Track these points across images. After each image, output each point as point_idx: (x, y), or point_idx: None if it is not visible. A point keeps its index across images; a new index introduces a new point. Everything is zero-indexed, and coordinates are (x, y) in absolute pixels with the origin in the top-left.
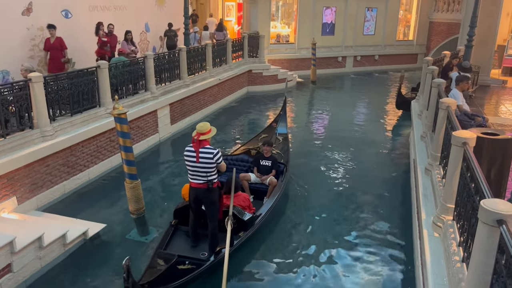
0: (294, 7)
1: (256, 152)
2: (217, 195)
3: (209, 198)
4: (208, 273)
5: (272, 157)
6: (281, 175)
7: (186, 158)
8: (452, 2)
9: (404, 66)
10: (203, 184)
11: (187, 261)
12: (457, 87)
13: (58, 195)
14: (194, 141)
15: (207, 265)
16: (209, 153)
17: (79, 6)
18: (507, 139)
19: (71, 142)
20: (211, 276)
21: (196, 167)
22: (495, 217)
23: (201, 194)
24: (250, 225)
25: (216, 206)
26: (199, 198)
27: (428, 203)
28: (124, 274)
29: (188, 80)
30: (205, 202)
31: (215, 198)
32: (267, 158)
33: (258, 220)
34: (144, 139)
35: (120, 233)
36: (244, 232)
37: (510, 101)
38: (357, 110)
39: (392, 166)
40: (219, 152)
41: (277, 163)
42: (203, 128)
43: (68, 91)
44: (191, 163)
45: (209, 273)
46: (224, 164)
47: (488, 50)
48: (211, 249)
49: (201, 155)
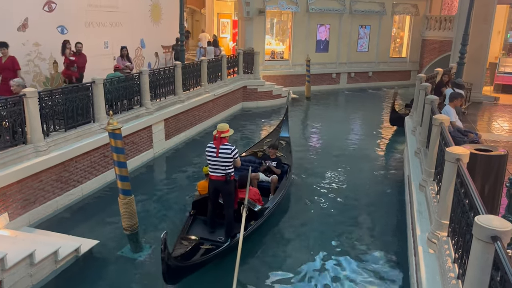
0: (289, 24)
1: (262, 154)
2: (233, 187)
3: (226, 189)
4: (225, 254)
5: (277, 158)
6: (286, 174)
7: (207, 154)
8: (444, 21)
9: (398, 82)
10: (222, 177)
11: (207, 243)
12: (451, 104)
13: (50, 211)
14: (215, 139)
15: (225, 246)
16: (227, 149)
17: (75, 22)
18: (500, 155)
19: (64, 158)
20: (227, 258)
21: (216, 161)
22: (490, 233)
23: (220, 186)
24: (260, 215)
25: (232, 196)
26: (218, 190)
27: (422, 219)
28: (161, 245)
29: (183, 95)
30: (223, 193)
31: (231, 190)
32: (272, 159)
33: (267, 211)
34: (138, 154)
35: (113, 249)
36: (255, 221)
37: (502, 118)
38: (351, 126)
39: (387, 182)
40: (236, 149)
41: (281, 164)
42: (223, 127)
43: (63, 106)
44: (212, 158)
45: (226, 254)
46: (239, 160)
47: (480, 67)
48: (228, 233)
49: (220, 151)
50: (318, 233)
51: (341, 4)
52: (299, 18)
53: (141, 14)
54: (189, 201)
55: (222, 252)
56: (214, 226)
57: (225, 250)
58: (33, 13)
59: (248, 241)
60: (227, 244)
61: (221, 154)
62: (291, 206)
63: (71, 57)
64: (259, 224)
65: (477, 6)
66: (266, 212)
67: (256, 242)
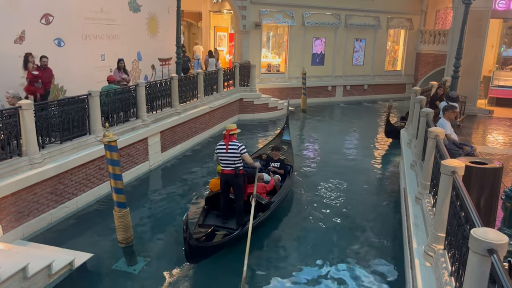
0: (285, 38)
1: (267, 156)
2: (242, 180)
3: (236, 182)
4: (237, 240)
5: (280, 159)
6: (288, 174)
7: (218, 151)
8: (438, 35)
9: (393, 95)
10: (232, 171)
11: (222, 230)
12: (444, 116)
13: (44, 223)
14: (225, 137)
15: (237, 233)
16: (235, 145)
17: (72, 34)
18: (496, 168)
19: (59, 170)
20: (237, 247)
21: (226, 156)
22: (486, 246)
23: (230, 179)
24: (267, 207)
25: (242, 189)
26: (229, 183)
27: (419, 232)
28: (184, 226)
29: (179, 108)
30: (233, 186)
31: (241, 182)
32: (276, 161)
33: (273, 205)
34: (134, 166)
35: (107, 263)
36: (263, 212)
37: (497, 131)
38: (347, 138)
39: (383, 195)
40: (243, 145)
41: (284, 165)
42: (232, 126)
43: (58, 118)
44: (222, 154)
45: (238, 241)
46: (248, 155)
47: (474, 80)
48: (239, 222)
49: (229, 147)
50: (314, 245)
51: (336, 18)
52: (295, 31)
53: (138, 27)
54: (183, 212)
55: (235, 238)
56: (227, 217)
57: (237, 236)
58: (30, 26)
59: (256, 232)
60: (238, 231)
61: (230, 150)
62: (288, 217)
63: (35, 71)
64: (266, 215)
65: (471, 20)
66: (272, 205)
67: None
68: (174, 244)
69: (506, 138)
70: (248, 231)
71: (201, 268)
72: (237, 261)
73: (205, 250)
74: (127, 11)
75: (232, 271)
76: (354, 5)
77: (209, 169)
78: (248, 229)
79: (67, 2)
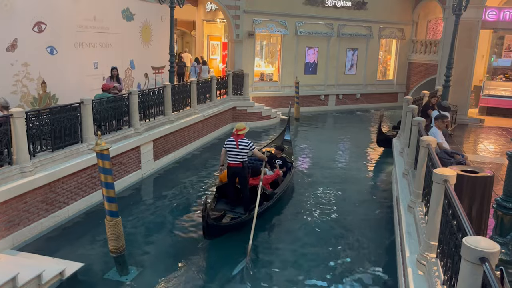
0: (278, 47)
1: (270, 154)
2: (247, 172)
3: (242, 173)
4: (245, 224)
5: (282, 157)
6: (289, 170)
7: (227, 146)
8: (429, 45)
9: (385, 104)
10: (240, 164)
11: (231, 214)
12: (435, 125)
13: (35, 233)
14: (233, 135)
15: (244, 217)
16: (245, 143)
17: (65, 42)
18: (487, 177)
19: (51, 179)
20: (243, 230)
21: (236, 151)
22: (478, 254)
23: (237, 171)
24: (270, 197)
25: (247, 179)
26: (235, 174)
27: (411, 241)
28: (203, 206)
29: (172, 116)
30: (240, 177)
31: (245, 174)
32: (278, 159)
33: (275, 196)
34: (126, 175)
35: (99, 272)
36: (267, 202)
37: (487, 140)
38: (339, 147)
39: (375, 203)
40: (252, 142)
41: (286, 162)
42: (241, 126)
43: (50, 126)
44: (232, 149)
45: (245, 224)
46: (257, 150)
47: (465, 90)
48: (245, 208)
49: (240, 144)
50: (306, 254)
51: (329, 27)
52: (288, 40)
53: (131, 35)
54: (175, 221)
55: (243, 221)
56: (234, 204)
57: (245, 220)
58: (23, 34)
59: (260, 219)
60: (245, 215)
61: (240, 146)
62: (279, 222)
63: None
64: (269, 204)
65: (461, 30)
66: (275, 196)
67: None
68: (167, 253)
69: (497, 147)
70: (254, 214)
71: (213, 245)
72: (244, 241)
73: (219, 228)
74: (120, 19)
75: (239, 247)
76: (346, 15)
77: (201, 178)
78: (254, 214)
79: (60, 10)
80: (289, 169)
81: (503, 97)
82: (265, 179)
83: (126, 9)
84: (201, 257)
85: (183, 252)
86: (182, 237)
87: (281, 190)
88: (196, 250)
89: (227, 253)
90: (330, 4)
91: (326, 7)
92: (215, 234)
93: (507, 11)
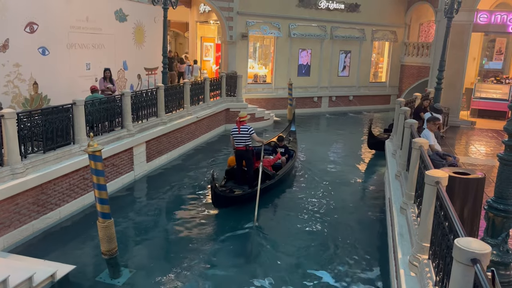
0: (271, 49)
1: (274, 143)
2: (251, 154)
3: (247, 155)
4: (249, 198)
5: (284, 146)
6: (291, 157)
7: (232, 133)
8: (422, 47)
9: (378, 106)
10: (243, 147)
11: (238, 189)
12: (427, 127)
13: (26, 234)
14: (236, 122)
15: (249, 191)
16: (246, 128)
17: (57, 43)
18: (478, 179)
19: (42, 180)
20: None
21: (239, 136)
22: (469, 256)
23: (242, 154)
24: (272, 177)
25: (251, 161)
26: (241, 156)
27: (404, 242)
28: (211, 178)
29: (165, 117)
30: (245, 158)
31: (250, 156)
32: (281, 147)
33: (277, 176)
34: (118, 177)
35: (91, 275)
36: (269, 181)
37: (479, 142)
38: (332, 149)
39: (368, 205)
40: (252, 128)
41: (288, 149)
42: (243, 114)
43: (42, 127)
44: (236, 135)
45: (250, 199)
46: (256, 135)
47: (457, 92)
48: (250, 185)
49: (241, 129)
50: (298, 256)
51: (322, 30)
52: (281, 42)
53: (124, 36)
54: (168, 222)
55: (248, 195)
56: (241, 183)
57: (250, 194)
58: (14, 34)
59: (264, 196)
60: (250, 191)
61: (241, 132)
62: (269, 225)
63: None
64: (271, 183)
65: (453, 33)
66: (276, 176)
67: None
68: (159, 254)
69: (488, 149)
70: (258, 187)
71: (224, 214)
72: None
73: (226, 199)
74: (113, 20)
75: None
76: (339, 18)
77: (194, 180)
78: (257, 188)
79: (52, 11)
80: (291, 156)
81: (494, 99)
82: (268, 162)
83: (119, 10)
84: (195, 258)
85: (176, 253)
86: (175, 238)
87: (283, 172)
88: (189, 250)
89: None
90: (323, 6)
91: (319, 10)
92: (222, 204)
93: (498, 14)
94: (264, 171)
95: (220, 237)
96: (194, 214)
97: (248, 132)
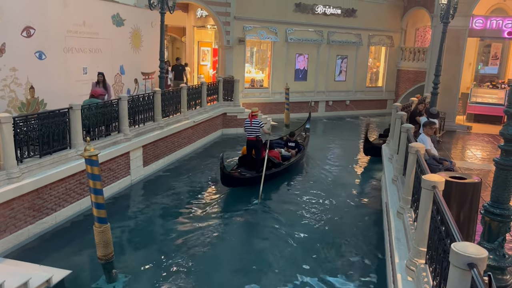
0: (268, 53)
1: (286, 138)
2: (260, 144)
3: (257, 145)
4: (256, 181)
5: (295, 141)
6: (300, 151)
7: (245, 125)
8: (418, 52)
9: (374, 111)
10: (254, 138)
11: (247, 174)
12: (423, 132)
13: (21, 239)
14: (249, 116)
15: (255, 175)
16: (257, 121)
17: (54, 47)
18: (474, 183)
19: (38, 185)
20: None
21: (250, 128)
22: (466, 260)
23: (253, 144)
24: (278, 166)
25: (260, 150)
26: (252, 146)
27: (401, 247)
28: (220, 160)
29: (162, 122)
30: (255, 148)
31: (259, 146)
32: (292, 141)
33: (282, 166)
34: (115, 181)
35: (86, 280)
36: (275, 168)
37: (475, 146)
38: (329, 153)
39: (365, 210)
40: (262, 121)
41: (298, 144)
42: (255, 109)
43: (38, 132)
44: (248, 127)
45: (256, 182)
46: (265, 128)
47: (453, 97)
48: (257, 170)
49: (253, 123)
50: (294, 259)
51: (319, 34)
52: (278, 47)
53: (121, 41)
54: (164, 227)
55: (255, 177)
56: (250, 169)
57: (256, 177)
58: (11, 38)
59: (269, 182)
60: (257, 174)
61: (253, 124)
62: (264, 228)
63: None
64: (276, 171)
65: (449, 38)
66: (282, 166)
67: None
68: (156, 259)
69: (484, 154)
70: (263, 171)
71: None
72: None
73: (233, 179)
74: (111, 25)
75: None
76: (336, 23)
77: (191, 184)
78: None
79: (49, 15)
80: (300, 150)
81: (490, 104)
82: (276, 153)
83: (116, 14)
84: (192, 263)
85: (173, 258)
86: (172, 243)
87: (289, 163)
88: (186, 256)
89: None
90: (320, 11)
91: (316, 15)
92: (230, 184)
93: (494, 19)
94: (270, 159)
95: (217, 244)
96: (191, 218)
97: (259, 125)
